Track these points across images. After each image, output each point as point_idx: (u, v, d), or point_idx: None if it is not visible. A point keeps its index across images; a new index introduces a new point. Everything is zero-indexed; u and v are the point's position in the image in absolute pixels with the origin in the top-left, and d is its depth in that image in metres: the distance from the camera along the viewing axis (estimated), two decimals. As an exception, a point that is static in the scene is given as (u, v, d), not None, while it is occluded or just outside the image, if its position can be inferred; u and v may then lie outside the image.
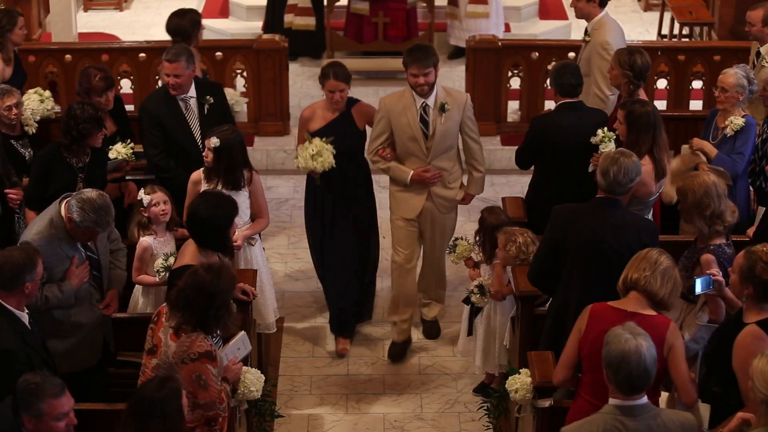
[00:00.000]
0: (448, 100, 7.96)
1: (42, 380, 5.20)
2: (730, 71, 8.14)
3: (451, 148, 8.10)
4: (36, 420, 5.17)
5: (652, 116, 7.31)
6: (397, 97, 8.06)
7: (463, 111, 8.02)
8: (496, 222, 7.60)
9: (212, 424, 5.90)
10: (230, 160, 7.48)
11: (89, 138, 7.53)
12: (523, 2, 13.31)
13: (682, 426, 5.20)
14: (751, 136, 8.03)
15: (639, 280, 5.73)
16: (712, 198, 6.51)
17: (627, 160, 6.43)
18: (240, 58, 11.07)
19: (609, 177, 6.40)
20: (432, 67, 7.85)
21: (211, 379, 5.83)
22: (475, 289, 7.54)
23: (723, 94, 8.08)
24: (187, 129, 8.25)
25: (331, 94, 8.10)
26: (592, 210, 6.49)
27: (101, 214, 6.53)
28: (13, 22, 9.12)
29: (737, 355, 5.58)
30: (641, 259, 5.80)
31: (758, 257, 5.65)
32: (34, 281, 6.01)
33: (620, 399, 5.16)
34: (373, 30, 12.44)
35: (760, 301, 5.67)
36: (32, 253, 6.05)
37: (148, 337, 6.12)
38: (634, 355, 5.10)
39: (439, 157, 8.05)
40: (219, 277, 5.91)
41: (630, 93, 8.06)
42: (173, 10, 9.09)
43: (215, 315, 5.88)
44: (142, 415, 5.23)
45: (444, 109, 7.92)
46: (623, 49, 8.26)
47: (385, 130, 8.04)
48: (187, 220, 6.90)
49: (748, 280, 5.64)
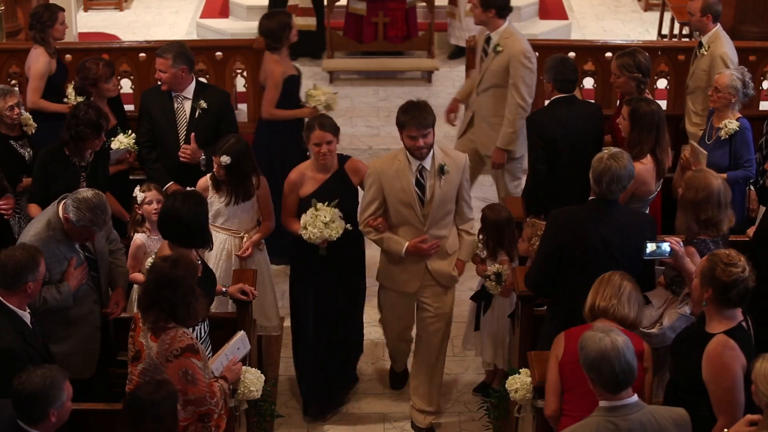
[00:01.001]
0: (446, 161, 7.17)
1: (51, 371, 5.26)
2: (726, 72, 8.14)
3: (449, 213, 7.31)
4: (59, 410, 5.25)
5: (656, 115, 7.29)
6: (389, 159, 7.26)
7: (462, 173, 7.26)
8: (498, 218, 7.59)
9: (206, 420, 5.87)
10: (240, 172, 7.46)
11: (86, 141, 7.50)
12: (523, 2, 13.32)
13: (675, 422, 5.19)
14: (747, 140, 8.01)
15: (608, 309, 5.82)
16: (712, 205, 6.46)
17: (618, 167, 6.33)
18: (240, 58, 11.06)
19: (602, 185, 6.36)
20: (431, 126, 7.06)
21: (198, 373, 5.81)
22: (492, 276, 7.48)
23: (716, 94, 8.09)
24: (174, 127, 8.26)
25: (317, 148, 7.32)
26: (593, 213, 6.43)
27: (97, 213, 6.53)
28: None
29: (709, 366, 5.53)
30: (605, 285, 5.86)
31: (719, 259, 5.60)
32: (36, 281, 6.00)
33: (609, 400, 5.15)
34: (373, 30, 12.45)
35: (721, 307, 5.61)
36: (34, 252, 6.04)
37: (130, 345, 6.08)
38: (613, 351, 5.09)
39: (437, 225, 7.27)
40: (176, 265, 5.87)
41: (639, 93, 8.03)
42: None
43: (183, 302, 5.82)
44: (137, 416, 5.25)
45: (443, 171, 7.17)
46: (621, 54, 8.16)
47: (377, 196, 7.24)
48: (163, 221, 6.66)
49: (709, 282, 5.59)
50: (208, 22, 13.57)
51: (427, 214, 7.21)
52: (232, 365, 6.26)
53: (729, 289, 5.54)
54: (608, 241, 6.32)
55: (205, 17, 13.78)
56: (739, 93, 8.01)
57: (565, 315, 6.46)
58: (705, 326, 5.67)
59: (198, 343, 5.95)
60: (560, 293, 6.53)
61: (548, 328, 6.61)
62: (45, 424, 5.24)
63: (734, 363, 5.50)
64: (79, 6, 14.09)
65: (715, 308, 5.63)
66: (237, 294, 7.11)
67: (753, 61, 10.87)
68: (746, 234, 7.56)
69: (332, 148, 7.36)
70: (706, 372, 5.54)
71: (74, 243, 6.65)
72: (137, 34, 13.66)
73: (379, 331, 8.42)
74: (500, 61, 8.92)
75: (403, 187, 7.17)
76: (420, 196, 7.19)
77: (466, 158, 7.32)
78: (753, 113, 10.07)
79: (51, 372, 5.26)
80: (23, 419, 5.22)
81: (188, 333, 5.88)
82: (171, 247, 6.58)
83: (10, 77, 10.89)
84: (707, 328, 5.65)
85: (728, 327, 5.59)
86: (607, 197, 6.38)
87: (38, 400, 5.18)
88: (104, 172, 7.84)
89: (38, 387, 5.18)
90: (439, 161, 7.16)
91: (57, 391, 5.22)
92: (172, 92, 8.24)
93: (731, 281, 5.53)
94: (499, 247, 7.56)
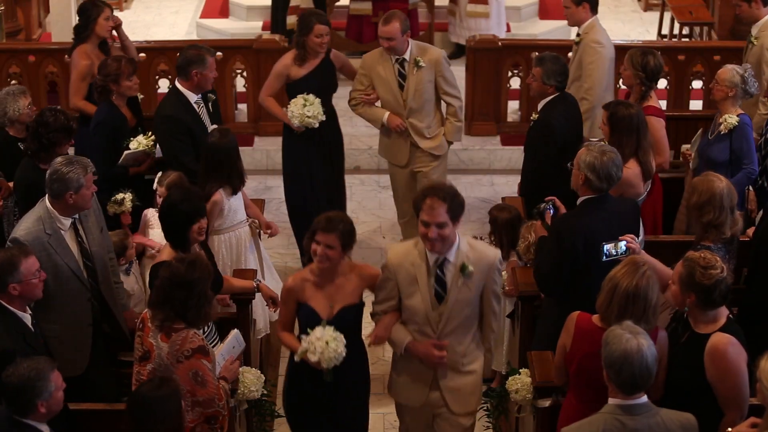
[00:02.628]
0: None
1: (37, 363, 5.31)
2: (729, 66, 8.16)
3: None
4: (47, 401, 5.29)
5: (635, 119, 7.26)
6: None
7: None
8: (509, 217, 7.58)
9: (212, 422, 5.89)
10: None
11: (59, 147, 7.41)
12: (523, 2, 13.31)
13: (682, 425, 5.20)
14: (749, 135, 8.01)
15: None
16: (714, 207, 6.46)
17: (615, 156, 6.40)
18: (240, 58, 11.07)
19: (603, 180, 6.38)
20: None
21: (207, 375, 5.82)
22: None
23: (716, 86, 8.12)
24: (206, 130, 8.17)
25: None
26: (598, 213, 6.40)
27: (79, 162, 6.60)
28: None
29: (714, 365, 5.54)
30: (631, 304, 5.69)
31: (696, 263, 5.59)
32: (21, 282, 5.98)
33: (620, 398, 5.16)
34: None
35: (705, 308, 5.61)
36: (15, 255, 6.03)
37: (137, 345, 6.08)
38: (636, 355, 5.09)
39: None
40: (194, 267, 5.88)
41: (641, 94, 8.06)
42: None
43: (196, 305, 5.83)
44: (141, 414, 5.25)
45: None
46: (637, 49, 8.21)
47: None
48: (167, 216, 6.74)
49: (690, 287, 5.58)
50: (208, 22, 13.55)
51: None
52: (229, 364, 6.26)
53: (711, 291, 5.55)
54: (612, 235, 6.34)
55: (205, 17, 13.76)
56: (737, 88, 8.00)
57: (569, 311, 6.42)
58: (694, 329, 5.67)
59: (208, 345, 5.96)
60: (568, 301, 6.48)
61: (549, 325, 6.60)
62: (35, 415, 5.30)
63: (739, 359, 5.54)
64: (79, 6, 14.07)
65: (699, 311, 5.64)
66: (268, 297, 7.25)
67: (753, 61, 10.88)
68: (746, 234, 7.55)
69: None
70: (712, 372, 5.55)
71: (65, 240, 6.61)
72: (137, 34, 13.62)
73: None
74: None
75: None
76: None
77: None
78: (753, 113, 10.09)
79: (37, 364, 5.32)
80: (15, 411, 5.29)
81: (199, 334, 5.90)
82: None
83: (10, 77, 10.89)
84: (698, 329, 5.66)
85: (720, 325, 5.62)
86: (605, 191, 6.41)
87: (24, 391, 5.25)
88: None
89: (24, 379, 5.26)
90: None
91: (43, 382, 5.28)
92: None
93: (713, 284, 5.54)
94: (510, 248, 7.55)
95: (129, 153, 8.10)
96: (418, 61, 8.56)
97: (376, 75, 8.74)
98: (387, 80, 8.69)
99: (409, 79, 8.62)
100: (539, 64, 8.07)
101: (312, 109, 8.56)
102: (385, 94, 8.73)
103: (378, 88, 8.77)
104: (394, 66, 8.65)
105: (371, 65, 8.78)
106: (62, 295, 6.62)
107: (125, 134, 8.15)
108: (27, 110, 7.95)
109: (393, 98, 8.70)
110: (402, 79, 8.64)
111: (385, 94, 8.73)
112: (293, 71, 8.74)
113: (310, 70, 8.72)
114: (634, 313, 5.52)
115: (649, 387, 5.20)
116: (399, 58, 8.60)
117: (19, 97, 7.96)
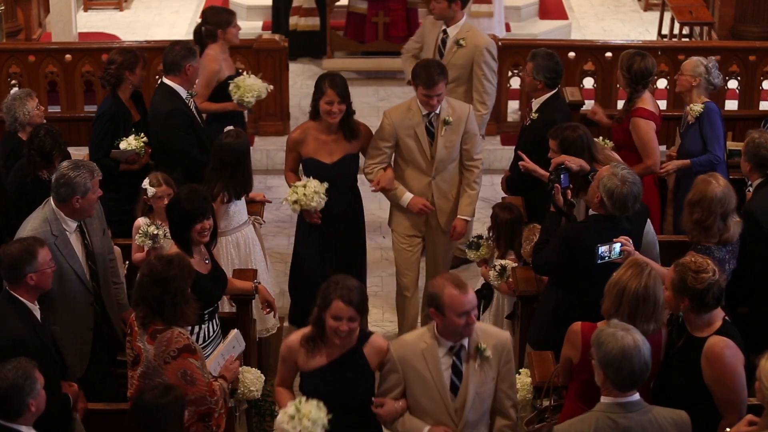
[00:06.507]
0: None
1: (19, 363, 5.31)
2: (693, 57, 8.22)
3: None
4: (36, 399, 5.31)
5: (583, 139, 7.18)
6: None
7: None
8: (510, 217, 7.58)
9: (206, 419, 5.90)
10: None
11: (54, 160, 7.34)
12: (523, 2, 13.32)
13: (675, 423, 5.20)
14: (714, 120, 8.01)
15: None
16: (703, 208, 6.51)
17: (637, 188, 6.35)
18: (240, 58, 11.06)
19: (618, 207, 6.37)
20: None
21: (196, 373, 5.82)
22: (498, 266, 7.43)
23: (680, 77, 8.19)
24: (200, 125, 8.33)
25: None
26: (606, 232, 6.33)
27: (86, 167, 6.64)
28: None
29: (712, 368, 5.54)
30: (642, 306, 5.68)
31: (687, 268, 5.60)
32: (38, 272, 6.01)
33: (613, 396, 5.16)
34: (374, 30, 12.45)
35: (699, 312, 5.62)
36: (31, 245, 6.06)
37: (127, 350, 6.10)
38: (635, 350, 5.11)
39: None
40: (170, 264, 5.87)
41: (630, 96, 8.06)
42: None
43: (171, 302, 5.80)
44: (144, 421, 5.28)
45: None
46: (630, 50, 8.20)
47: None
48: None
49: (683, 292, 5.60)
50: (208, 22, 13.55)
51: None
52: (229, 364, 6.26)
53: (704, 295, 5.56)
54: None
55: (205, 17, 13.77)
56: (701, 78, 8.05)
57: (571, 307, 6.42)
58: (691, 332, 5.67)
59: (195, 343, 5.95)
60: (567, 290, 6.54)
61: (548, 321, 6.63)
62: (25, 416, 5.30)
63: (737, 362, 5.54)
64: (79, 6, 14.08)
65: (694, 315, 5.64)
66: (264, 299, 7.26)
67: (753, 61, 10.88)
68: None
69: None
70: (709, 375, 5.55)
71: (71, 243, 6.63)
72: (137, 34, 13.65)
73: (382, 330, 8.43)
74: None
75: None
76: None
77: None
78: (753, 113, 10.11)
79: (20, 363, 5.32)
80: (3, 416, 5.26)
81: (184, 333, 5.89)
82: None
83: (10, 77, 10.89)
84: (695, 333, 5.66)
85: (716, 327, 5.62)
86: (617, 216, 6.39)
87: (15, 393, 5.25)
88: None
89: (11, 381, 5.25)
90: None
91: (30, 381, 5.29)
92: None
93: (705, 288, 5.55)
94: (509, 248, 7.56)
95: (117, 152, 8.11)
96: (481, 349, 5.69)
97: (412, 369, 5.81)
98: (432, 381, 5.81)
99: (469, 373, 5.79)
100: (531, 59, 8.12)
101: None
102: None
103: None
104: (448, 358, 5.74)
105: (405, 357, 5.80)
106: (64, 297, 6.64)
107: (128, 128, 8.15)
108: (36, 111, 7.96)
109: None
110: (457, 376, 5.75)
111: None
112: None
113: None
114: (644, 313, 5.54)
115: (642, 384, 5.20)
116: (452, 345, 5.69)
117: (26, 100, 7.94)
